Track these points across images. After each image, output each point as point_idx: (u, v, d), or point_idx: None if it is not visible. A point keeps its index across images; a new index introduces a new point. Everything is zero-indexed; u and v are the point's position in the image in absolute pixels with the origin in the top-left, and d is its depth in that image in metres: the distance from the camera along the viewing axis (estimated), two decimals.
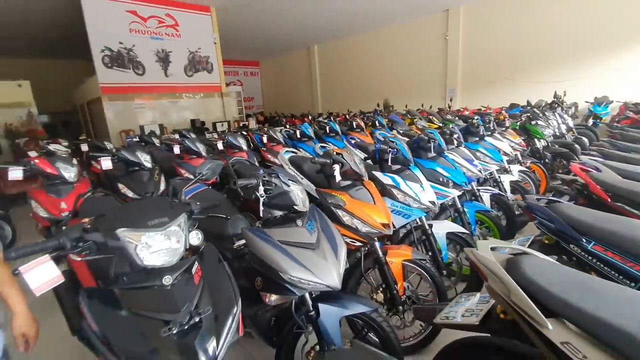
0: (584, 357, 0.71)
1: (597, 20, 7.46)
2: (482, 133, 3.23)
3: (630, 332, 0.67)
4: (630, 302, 0.74)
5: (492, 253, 0.94)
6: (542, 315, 0.76)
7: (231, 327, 1.03)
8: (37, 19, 7.76)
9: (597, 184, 1.65)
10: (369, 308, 1.42)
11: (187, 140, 3.40)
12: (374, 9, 9.33)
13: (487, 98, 9.35)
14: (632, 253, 1.10)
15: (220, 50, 9.11)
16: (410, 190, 2.04)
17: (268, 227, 1.41)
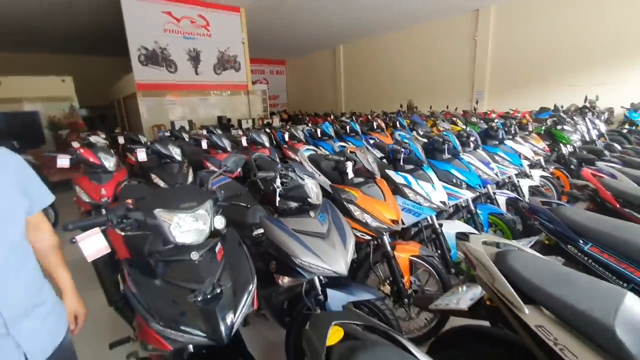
0: (555, 339, 0.80)
1: (637, 22, 7.09)
2: (501, 137, 3.23)
3: (595, 317, 0.75)
4: (599, 292, 0.81)
5: (484, 246, 1.02)
6: (520, 301, 0.85)
7: (247, 300, 1.18)
8: (80, 19, 8.33)
9: (608, 190, 1.67)
10: (374, 296, 1.53)
11: (214, 136, 3.62)
12: (402, 8, 9.30)
13: (517, 101, 9.10)
14: (627, 255, 1.15)
15: (247, 49, 9.41)
16: (421, 190, 2.12)
17: (284, 216, 1.55)
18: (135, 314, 1.16)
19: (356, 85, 14.21)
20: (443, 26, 10.74)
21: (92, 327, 2.34)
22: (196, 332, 1.05)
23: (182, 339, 1.05)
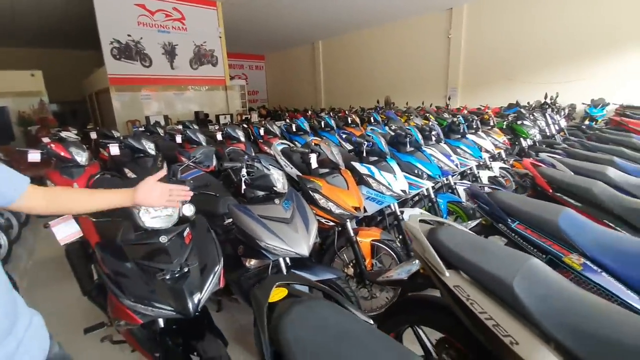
0: (467, 296, 0.96)
1: (599, 22, 7.53)
2: (463, 131, 3.44)
3: (499, 276, 0.91)
4: (507, 257, 0.98)
5: (420, 224, 1.18)
6: (442, 266, 1.01)
7: (213, 279, 1.29)
8: (49, 11, 8.02)
9: (544, 177, 1.88)
10: (335, 276, 1.67)
11: (189, 131, 3.66)
12: (378, 6, 9.47)
13: (488, 97, 9.47)
14: (545, 231, 1.34)
15: (225, 44, 9.33)
16: (383, 180, 2.27)
17: (251, 204, 1.66)
18: (108, 293, 1.25)
19: (335, 81, 14.34)
20: (419, 24, 11.00)
21: (68, 316, 2.39)
22: (165, 306, 1.16)
23: (152, 313, 1.15)
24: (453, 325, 1.11)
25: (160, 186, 1.12)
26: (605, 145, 2.87)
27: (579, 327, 0.78)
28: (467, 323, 0.96)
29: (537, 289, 0.87)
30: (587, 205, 1.67)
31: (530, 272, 0.92)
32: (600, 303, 0.84)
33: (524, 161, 2.08)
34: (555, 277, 0.92)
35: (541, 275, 0.92)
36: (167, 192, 1.13)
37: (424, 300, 1.27)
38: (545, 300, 0.85)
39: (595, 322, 0.78)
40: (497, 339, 0.87)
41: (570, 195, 1.76)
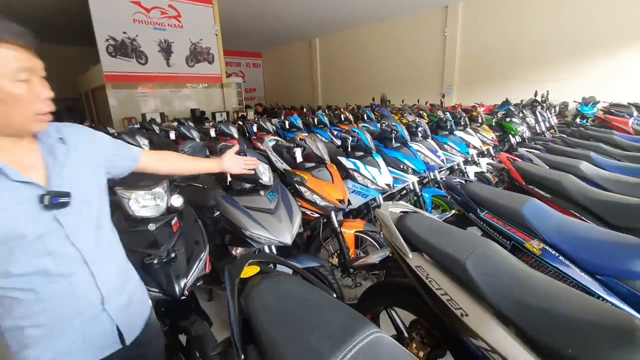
0: (427, 275, 1.05)
1: (593, 21, 7.61)
2: (450, 127, 3.53)
3: (453, 256, 1.01)
4: (465, 240, 1.07)
5: (390, 211, 1.27)
6: (406, 247, 1.10)
7: (199, 264, 1.38)
8: (42, 5, 7.99)
9: (517, 171, 1.97)
10: (317, 264, 1.76)
11: (183, 128, 3.74)
12: (375, 3, 9.52)
13: (483, 95, 9.56)
14: (511, 219, 1.43)
15: (221, 41, 9.37)
16: (368, 174, 2.36)
17: (237, 195, 1.74)
18: None
19: (332, 78, 14.40)
20: (415, 21, 11.05)
21: None
22: (153, 288, 1.24)
23: None
24: (421, 306, 1.21)
25: (237, 158, 1.41)
26: (586, 142, 2.96)
27: (521, 300, 0.88)
28: (426, 299, 1.05)
29: (487, 267, 0.97)
30: (556, 196, 1.77)
31: (482, 253, 1.01)
32: (541, 279, 0.93)
33: (501, 155, 2.18)
34: (505, 257, 1.01)
35: (493, 255, 1.01)
36: (242, 162, 1.41)
37: (396, 284, 1.37)
38: (494, 277, 0.94)
39: (534, 295, 0.88)
40: (451, 312, 0.96)
41: (542, 188, 1.85)
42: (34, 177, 0.75)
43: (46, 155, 0.79)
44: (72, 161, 0.83)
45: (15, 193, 0.72)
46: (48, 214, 0.75)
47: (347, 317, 0.72)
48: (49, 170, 0.78)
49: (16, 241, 0.71)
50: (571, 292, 0.90)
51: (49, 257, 0.76)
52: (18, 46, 0.70)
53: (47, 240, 0.75)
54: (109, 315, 0.88)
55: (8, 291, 0.75)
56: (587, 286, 1.20)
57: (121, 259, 0.98)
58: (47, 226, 0.75)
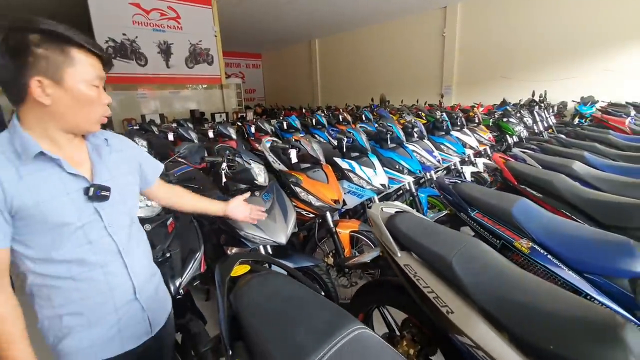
0: (414, 273, 1.07)
1: (591, 20, 7.62)
2: (446, 128, 3.55)
3: (440, 254, 1.03)
4: (452, 240, 1.09)
5: (381, 211, 1.29)
6: (395, 247, 1.12)
7: (194, 264, 1.40)
8: (42, 6, 8.04)
9: (510, 171, 1.99)
10: (312, 263, 1.79)
11: (181, 129, 3.76)
12: (374, 4, 9.54)
13: (482, 95, 9.57)
14: (500, 218, 1.45)
15: (220, 42, 9.40)
16: (364, 174, 2.39)
17: (232, 196, 1.76)
18: None
19: (332, 79, 14.42)
20: (414, 22, 11.07)
21: None
22: None
23: None
24: (412, 304, 1.23)
25: (244, 205, 1.40)
26: (581, 141, 2.98)
27: (505, 297, 0.90)
28: (414, 296, 1.08)
29: (473, 266, 0.99)
30: (547, 196, 1.79)
31: (469, 252, 1.03)
32: (526, 277, 0.96)
33: (494, 155, 2.20)
34: (492, 256, 1.04)
35: (479, 254, 1.03)
36: (248, 210, 1.39)
37: (387, 283, 1.39)
38: (478, 275, 0.96)
39: (518, 293, 0.90)
40: (438, 310, 0.98)
41: (534, 187, 1.87)
42: (82, 171, 0.83)
43: (92, 153, 0.89)
44: (113, 161, 0.93)
45: (66, 183, 0.80)
46: (90, 205, 0.83)
47: (332, 314, 0.74)
48: (94, 166, 0.87)
49: (62, 228, 0.79)
50: (556, 290, 0.92)
51: (88, 246, 0.83)
52: (97, 57, 0.81)
53: (87, 230, 0.83)
54: (140, 304, 0.94)
55: (48, 279, 0.81)
56: (575, 285, 1.22)
57: (148, 254, 1.04)
58: (89, 216, 0.83)
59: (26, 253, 0.79)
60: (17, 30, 0.72)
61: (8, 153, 0.76)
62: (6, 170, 0.74)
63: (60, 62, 0.74)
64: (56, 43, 0.74)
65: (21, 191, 0.75)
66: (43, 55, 0.72)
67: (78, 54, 0.76)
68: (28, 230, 0.77)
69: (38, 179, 0.77)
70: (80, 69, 0.77)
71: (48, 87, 0.74)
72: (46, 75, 0.73)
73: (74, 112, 0.79)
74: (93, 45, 0.79)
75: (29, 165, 0.76)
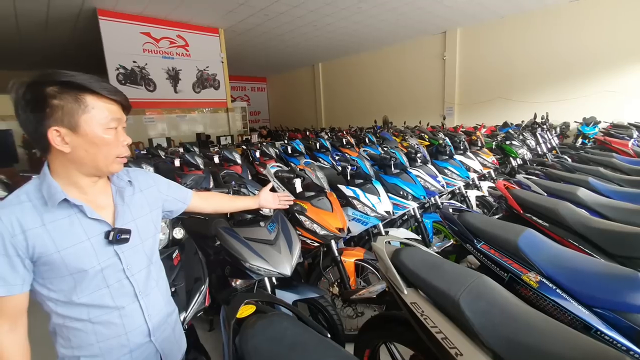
0: (422, 312, 1.06)
1: (590, 42, 7.77)
2: (449, 152, 3.58)
3: (447, 293, 1.02)
4: (459, 276, 1.08)
5: (386, 244, 1.29)
6: (402, 283, 1.11)
7: (199, 298, 1.40)
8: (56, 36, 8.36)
9: (515, 199, 1.99)
10: (317, 295, 1.77)
11: (187, 155, 3.83)
12: (374, 32, 9.86)
13: (484, 116, 9.68)
14: (507, 250, 1.44)
15: (227, 68, 9.69)
16: (368, 201, 2.39)
17: (238, 226, 1.78)
18: None
19: (335, 101, 14.70)
20: (414, 47, 11.37)
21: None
22: None
23: None
24: (420, 342, 1.20)
25: (273, 196, 1.52)
26: (585, 166, 2.98)
27: (513, 338, 0.88)
28: (422, 336, 1.06)
29: (481, 305, 0.97)
30: (553, 225, 1.77)
31: (476, 289, 1.02)
32: (534, 316, 0.94)
33: (498, 183, 2.20)
34: (499, 293, 1.02)
35: (486, 291, 1.02)
36: (277, 198, 1.52)
37: (394, 318, 1.36)
38: (486, 315, 0.95)
39: (527, 334, 0.88)
40: (446, 351, 0.96)
41: (539, 216, 1.86)
42: (104, 216, 0.87)
43: (116, 196, 0.91)
44: (136, 202, 0.96)
45: (87, 229, 0.83)
46: (110, 248, 0.86)
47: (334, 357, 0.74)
48: (117, 209, 0.90)
49: (82, 274, 0.82)
50: (565, 330, 0.90)
51: (106, 290, 0.86)
52: (113, 101, 0.84)
53: (107, 273, 0.85)
54: (155, 346, 0.95)
55: (68, 320, 0.84)
56: (586, 320, 1.19)
57: (165, 292, 1.05)
58: (108, 260, 0.85)
59: (49, 295, 0.82)
60: (35, 84, 0.76)
61: (35, 200, 0.80)
62: (31, 218, 0.78)
63: (75, 110, 0.77)
64: (71, 92, 0.77)
65: (44, 239, 0.77)
66: (59, 105, 0.76)
67: (92, 100, 0.80)
68: (50, 274, 0.80)
69: (60, 227, 0.80)
70: (95, 114, 0.80)
71: (66, 136, 0.78)
72: (62, 124, 0.77)
73: (92, 155, 0.81)
74: (108, 92, 0.82)
75: (53, 212, 0.80)
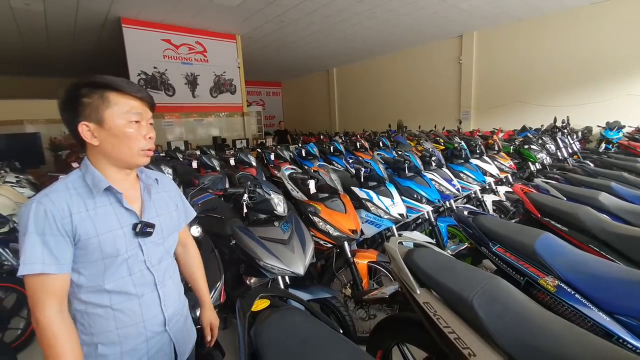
0: (434, 312, 1.05)
1: (613, 45, 7.54)
2: (464, 156, 3.53)
3: (460, 294, 1.01)
4: (472, 277, 1.07)
5: (399, 245, 1.29)
6: (414, 283, 1.11)
7: (214, 294, 1.43)
8: (82, 45, 8.78)
9: (532, 203, 1.95)
10: (330, 295, 1.78)
11: (204, 157, 3.92)
12: (389, 37, 9.86)
13: (501, 120, 9.49)
14: (523, 254, 1.42)
15: (243, 73, 9.88)
16: (381, 204, 2.39)
17: (252, 226, 1.81)
18: None
19: (350, 105, 14.72)
20: (430, 50, 11.29)
21: None
22: None
23: None
24: (433, 343, 1.20)
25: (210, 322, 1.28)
26: (607, 170, 2.89)
27: (529, 342, 0.87)
28: (435, 336, 1.05)
29: (495, 306, 0.96)
30: (573, 230, 1.73)
31: (490, 291, 1.01)
32: (553, 320, 0.92)
33: (515, 186, 2.16)
34: (515, 295, 1.01)
35: (501, 293, 1.01)
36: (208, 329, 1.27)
37: (407, 319, 1.36)
38: (501, 317, 0.94)
39: (545, 339, 0.87)
40: (459, 351, 0.96)
41: (558, 220, 1.82)
42: (134, 208, 0.94)
43: (144, 192, 0.98)
44: (160, 201, 1.03)
45: (121, 218, 0.90)
46: (135, 240, 0.92)
47: (351, 356, 0.75)
48: (144, 204, 0.97)
49: (113, 259, 0.88)
50: (585, 335, 0.88)
51: (129, 277, 0.92)
52: (135, 98, 0.90)
53: (131, 262, 0.91)
54: (169, 336, 0.99)
55: (90, 307, 0.89)
56: (606, 327, 1.16)
57: (179, 286, 1.09)
58: (133, 250, 0.91)
59: (78, 281, 0.87)
60: (71, 87, 0.86)
61: (79, 189, 0.87)
62: (77, 203, 0.85)
63: (100, 105, 0.85)
64: (98, 91, 0.86)
65: (87, 223, 0.85)
66: (87, 102, 0.85)
67: (116, 97, 0.87)
68: (84, 258, 0.86)
69: (101, 213, 0.87)
70: (117, 109, 0.87)
71: (95, 130, 0.86)
72: (90, 119, 0.86)
73: (117, 147, 0.88)
74: (130, 89, 0.89)
75: (95, 199, 0.87)
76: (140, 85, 6.44)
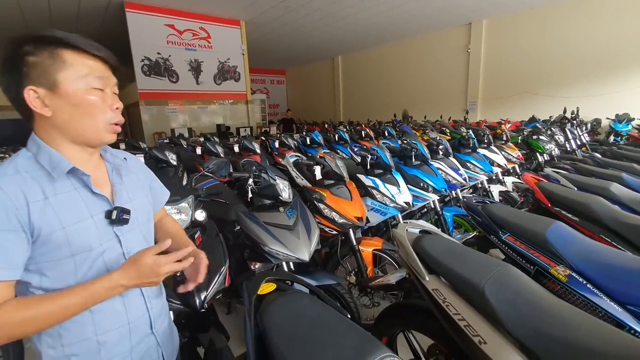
0: (444, 298, 1.03)
1: (625, 36, 7.35)
2: (472, 145, 3.47)
3: (471, 280, 0.99)
4: (483, 264, 1.05)
5: (408, 231, 1.27)
6: (423, 270, 1.09)
7: (219, 278, 1.42)
8: (85, 31, 8.71)
9: (542, 192, 1.91)
10: (334, 281, 1.76)
11: (209, 143, 3.89)
12: (396, 23, 9.65)
13: (509, 111, 9.34)
14: (534, 243, 1.39)
15: (247, 60, 9.76)
16: (387, 192, 2.36)
17: (257, 211, 1.79)
18: None
19: (354, 94, 14.54)
20: (437, 38, 11.06)
21: None
22: (175, 300, 1.29)
23: None
24: (439, 330, 1.18)
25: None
26: (617, 161, 2.83)
27: (542, 330, 0.85)
28: (443, 323, 1.04)
29: (506, 294, 0.94)
30: (584, 220, 1.69)
31: (501, 278, 0.99)
32: (565, 308, 0.90)
33: (525, 176, 2.12)
34: (526, 283, 0.99)
35: (513, 281, 0.99)
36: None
37: (413, 306, 1.35)
38: (513, 304, 0.92)
39: (557, 326, 0.85)
40: (468, 339, 0.94)
41: (569, 210, 1.78)
42: (105, 193, 0.77)
43: (112, 174, 0.82)
44: (131, 183, 0.87)
45: (90, 205, 0.74)
46: (110, 229, 0.77)
47: (359, 340, 0.73)
48: (115, 188, 0.81)
49: (84, 254, 0.72)
50: (598, 324, 0.86)
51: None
52: (96, 58, 0.73)
53: (107, 257, 0.76)
54: (156, 339, 0.87)
55: None
56: (617, 317, 1.14)
57: (161, 285, 0.97)
58: (109, 242, 0.76)
59: (40, 284, 0.70)
60: (11, 44, 0.68)
61: (33, 172, 0.69)
62: (32, 190, 0.67)
63: (51, 66, 0.68)
64: (48, 48, 0.68)
65: (47, 213, 0.68)
66: (34, 62, 0.67)
67: (71, 56, 0.70)
68: (48, 257, 0.70)
69: (64, 201, 0.71)
70: (75, 71, 0.70)
71: (45, 98, 0.68)
72: (39, 83, 0.68)
73: (78, 120, 0.71)
74: (87, 45, 0.71)
75: (55, 184, 0.70)
76: (144, 71, 6.35)
